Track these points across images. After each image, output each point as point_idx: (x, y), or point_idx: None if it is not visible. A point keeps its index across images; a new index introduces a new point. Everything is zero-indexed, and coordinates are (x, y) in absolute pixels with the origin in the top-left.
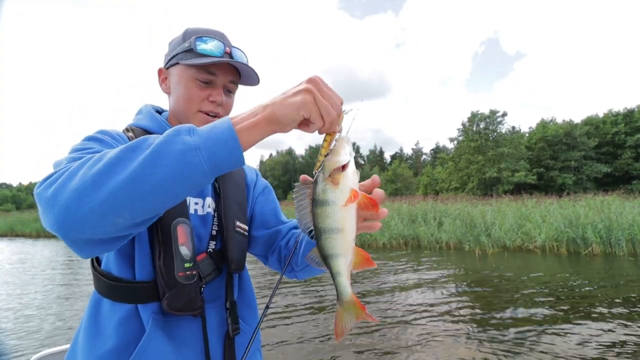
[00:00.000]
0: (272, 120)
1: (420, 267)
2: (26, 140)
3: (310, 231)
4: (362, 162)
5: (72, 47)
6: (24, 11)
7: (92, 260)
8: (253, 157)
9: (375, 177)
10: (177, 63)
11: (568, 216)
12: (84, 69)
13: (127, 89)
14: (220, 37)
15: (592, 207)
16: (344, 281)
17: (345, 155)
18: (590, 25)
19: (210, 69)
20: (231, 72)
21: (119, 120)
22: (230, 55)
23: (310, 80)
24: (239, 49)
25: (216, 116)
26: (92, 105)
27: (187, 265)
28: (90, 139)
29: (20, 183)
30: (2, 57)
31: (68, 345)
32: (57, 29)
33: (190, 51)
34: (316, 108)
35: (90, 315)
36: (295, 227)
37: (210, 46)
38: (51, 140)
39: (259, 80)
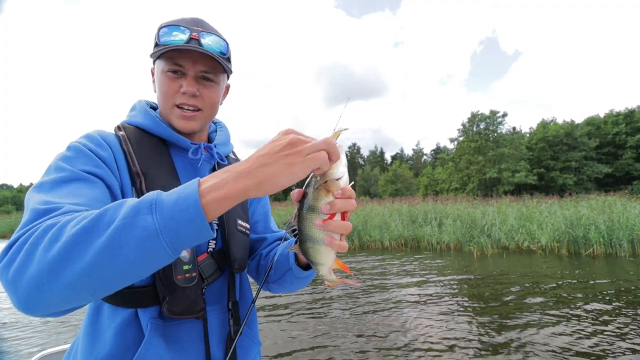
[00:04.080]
0: (253, 190)
1: (419, 268)
2: (27, 141)
3: (294, 230)
4: (362, 163)
5: (72, 46)
6: (23, 11)
7: None
8: None
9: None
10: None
11: (570, 217)
12: (84, 68)
13: (128, 87)
14: (189, 23)
15: (594, 208)
16: (327, 277)
17: (344, 167)
18: (591, 24)
19: (175, 59)
20: (202, 60)
21: (118, 118)
22: (198, 42)
23: (290, 142)
24: (216, 34)
25: (193, 109)
26: (92, 103)
27: (185, 267)
28: (72, 149)
29: (20, 184)
30: (3, 57)
31: (69, 345)
32: (56, 27)
33: (156, 45)
34: (313, 165)
35: (90, 319)
36: (280, 239)
37: (172, 35)
38: (52, 139)
39: (228, 70)
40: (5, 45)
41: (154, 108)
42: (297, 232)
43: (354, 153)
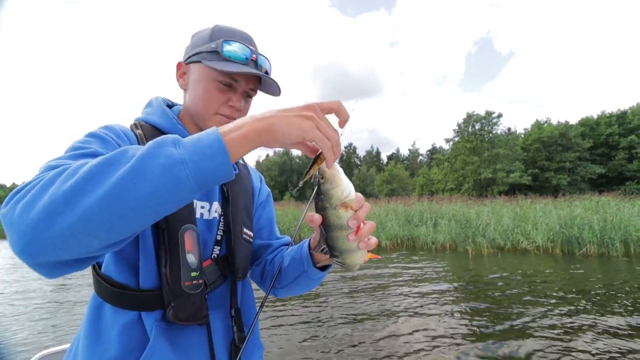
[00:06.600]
0: (267, 133)
1: (415, 268)
2: (21, 140)
3: (323, 249)
4: (358, 163)
5: (70, 46)
6: (22, 10)
7: None
8: (250, 158)
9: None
10: (199, 61)
11: (564, 217)
12: (82, 68)
13: (126, 88)
14: (247, 41)
15: (588, 208)
16: (357, 267)
17: (347, 181)
18: (585, 26)
19: (232, 74)
20: (253, 79)
21: (116, 117)
22: (255, 62)
23: (309, 107)
24: (264, 56)
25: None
26: (90, 104)
27: (193, 274)
28: (91, 135)
29: (13, 183)
30: (1, 56)
31: (68, 345)
32: (53, 26)
33: (216, 53)
34: (321, 135)
35: (91, 320)
36: (286, 244)
37: (236, 50)
38: (46, 139)
39: (280, 92)
40: (4, 45)
41: (169, 106)
42: (327, 250)
43: (350, 153)
